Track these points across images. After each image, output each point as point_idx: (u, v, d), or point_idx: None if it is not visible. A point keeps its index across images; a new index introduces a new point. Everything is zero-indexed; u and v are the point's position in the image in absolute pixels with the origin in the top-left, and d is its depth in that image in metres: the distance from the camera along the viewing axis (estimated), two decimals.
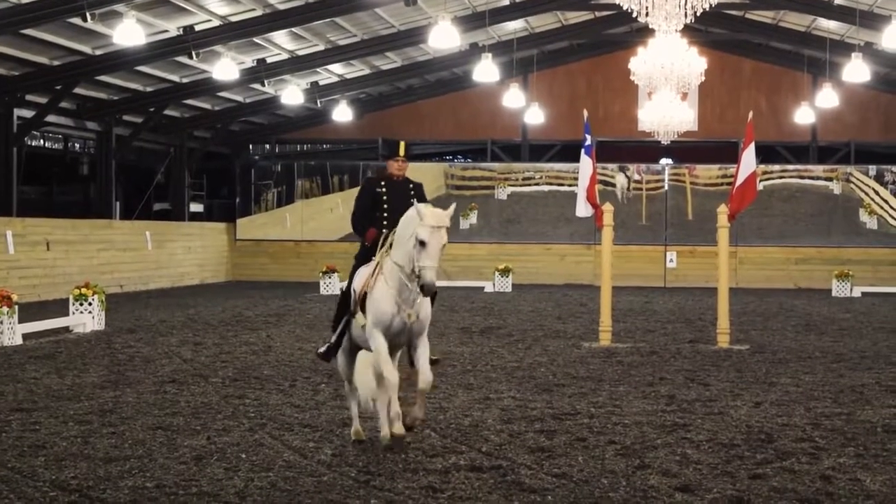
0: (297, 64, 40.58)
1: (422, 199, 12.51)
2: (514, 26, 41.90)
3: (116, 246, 39.61)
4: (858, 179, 47.91)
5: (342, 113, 46.29)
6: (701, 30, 42.33)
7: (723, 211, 22.90)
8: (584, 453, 11.83)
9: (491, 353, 21.18)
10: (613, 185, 47.78)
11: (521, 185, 49.18)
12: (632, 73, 32.38)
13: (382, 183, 12.70)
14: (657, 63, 31.25)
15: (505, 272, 42.28)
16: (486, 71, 37.72)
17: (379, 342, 11.70)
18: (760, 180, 45.37)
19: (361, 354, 12.19)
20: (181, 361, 19.68)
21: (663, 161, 49.18)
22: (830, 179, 48.14)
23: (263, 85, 41.97)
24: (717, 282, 23.20)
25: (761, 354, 21.39)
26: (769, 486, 10.39)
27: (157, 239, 42.75)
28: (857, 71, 35.68)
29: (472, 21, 37.90)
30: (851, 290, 40.92)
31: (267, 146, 52.75)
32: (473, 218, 49.11)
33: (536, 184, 49.07)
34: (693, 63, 31.76)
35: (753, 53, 47.97)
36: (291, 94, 42.32)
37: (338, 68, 43.70)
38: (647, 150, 47.30)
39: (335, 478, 10.67)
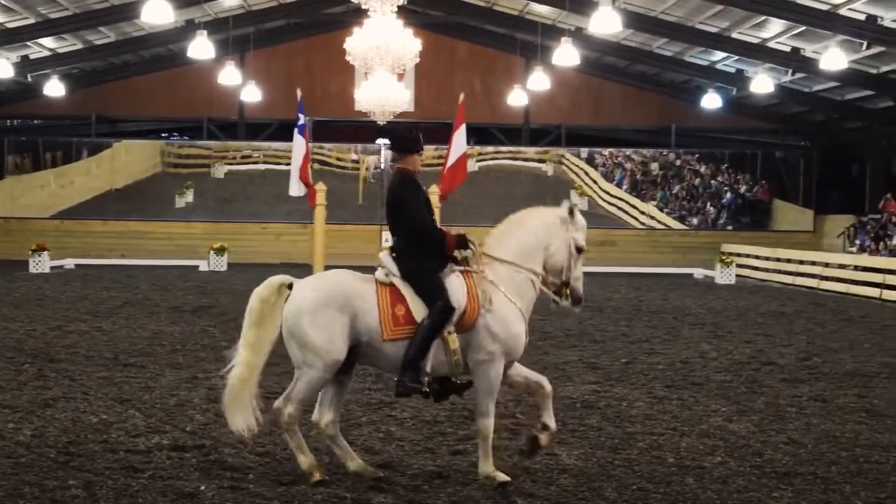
0: (6, 37, 39.31)
1: None
2: (230, 3, 41.59)
3: None
4: (570, 161, 49.07)
5: (54, 88, 45.05)
6: (417, 11, 42.65)
7: (434, 191, 23.15)
8: None
9: (202, 333, 21.05)
10: (347, 168, 48.13)
11: (237, 164, 48.84)
12: (347, 52, 32.45)
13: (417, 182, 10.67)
14: (373, 43, 31.39)
15: (220, 251, 42.00)
16: (200, 48, 37.25)
17: (498, 378, 10.03)
18: (476, 161, 46.20)
19: (242, 371, 10.26)
20: None
21: (380, 141, 49.44)
22: (543, 161, 49.19)
23: None
24: None
25: None
26: (469, 462, 10.61)
27: None
28: (566, 55, 36.49)
29: None
30: None
31: None
32: (189, 196, 48.59)
33: (254, 162, 48.82)
34: (408, 44, 32.01)
35: (469, 36, 48.59)
36: (0, 67, 41.01)
37: (49, 42, 42.58)
38: (364, 130, 47.45)
39: (34, 459, 10.50)
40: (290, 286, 10.16)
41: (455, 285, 10.05)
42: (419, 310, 9.91)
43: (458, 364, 9.95)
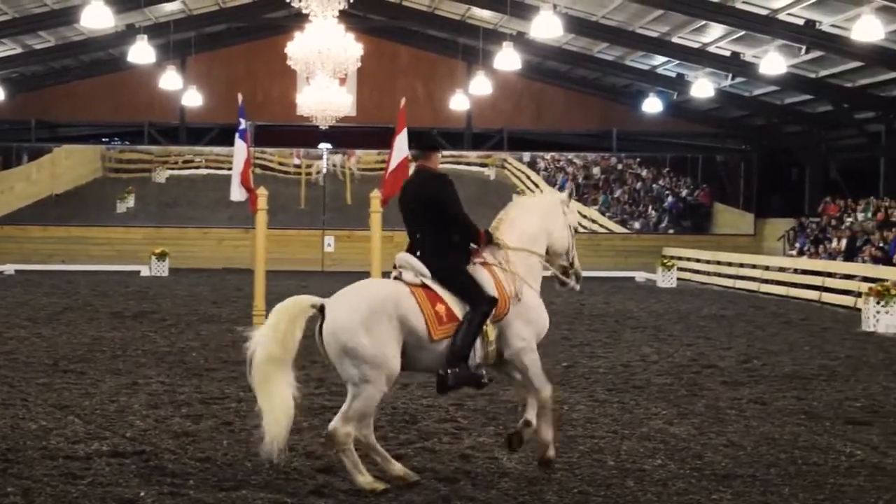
0: None
1: None
2: (171, 8, 41.37)
3: None
4: (513, 165, 49.16)
5: None
6: (359, 16, 42.62)
7: (376, 196, 23.17)
8: (230, 437, 11.86)
9: (142, 338, 20.93)
10: (290, 172, 48.19)
11: (179, 169, 48.66)
12: (289, 57, 32.37)
13: None
14: (314, 48, 31.30)
15: (161, 256, 41.80)
16: (141, 53, 37.06)
17: (538, 358, 10.53)
18: None
19: (277, 374, 9.93)
20: None
21: (322, 146, 49.39)
22: (485, 165, 49.26)
23: None
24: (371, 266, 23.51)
25: None
26: (410, 466, 10.60)
27: None
28: (508, 59, 36.62)
29: (128, 1, 37.12)
30: None
31: None
32: (131, 201, 48.34)
33: (196, 167, 48.64)
34: (350, 48, 31.94)
35: (411, 40, 48.57)
36: None
37: None
38: (306, 134, 47.29)
39: None
40: (319, 308, 9.98)
41: (485, 278, 10.37)
42: (458, 306, 10.12)
43: (493, 354, 10.31)
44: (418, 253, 10.43)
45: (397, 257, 10.52)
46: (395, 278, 10.38)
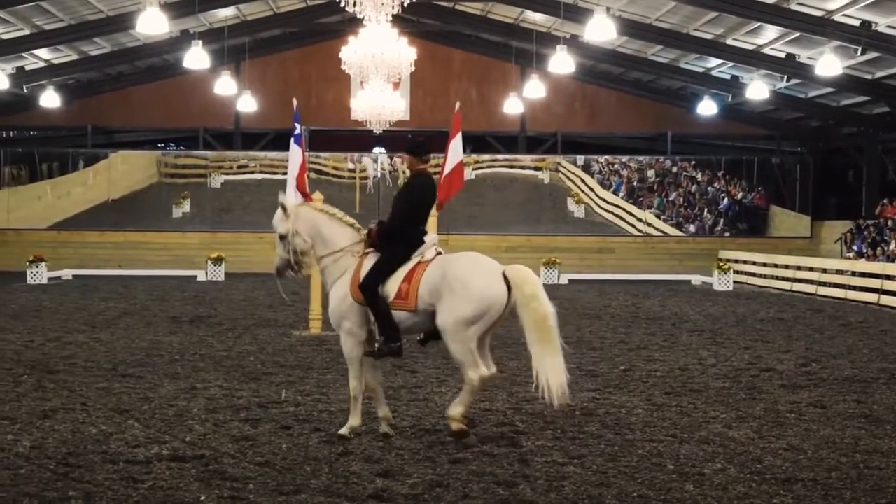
0: (1, 48, 39.20)
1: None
2: (225, 13, 41.51)
3: None
4: (567, 169, 49.10)
5: (50, 99, 44.91)
6: (412, 20, 42.71)
7: None
8: (289, 441, 11.84)
9: (200, 343, 20.99)
10: (344, 177, 48.35)
11: (234, 174, 48.89)
12: (343, 62, 32.43)
13: None
14: (368, 52, 31.34)
15: (218, 261, 41.97)
16: (196, 58, 37.19)
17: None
18: (473, 169, 46.21)
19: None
20: None
21: (376, 150, 49.49)
22: (539, 169, 49.21)
23: None
24: None
25: None
26: (468, 470, 10.58)
27: None
28: (562, 63, 36.54)
29: (182, 7, 37.29)
30: (559, 277, 42.00)
31: None
32: (186, 206, 48.60)
33: (251, 172, 48.86)
34: (403, 53, 31.97)
35: (464, 44, 48.61)
36: None
37: (45, 53, 42.49)
38: (360, 138, 47.48)
39: (33, 470, 10.44)
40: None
41: None
42: None
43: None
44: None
45: (433, 237, 12.59)
46: (439, 254, 12.39)
